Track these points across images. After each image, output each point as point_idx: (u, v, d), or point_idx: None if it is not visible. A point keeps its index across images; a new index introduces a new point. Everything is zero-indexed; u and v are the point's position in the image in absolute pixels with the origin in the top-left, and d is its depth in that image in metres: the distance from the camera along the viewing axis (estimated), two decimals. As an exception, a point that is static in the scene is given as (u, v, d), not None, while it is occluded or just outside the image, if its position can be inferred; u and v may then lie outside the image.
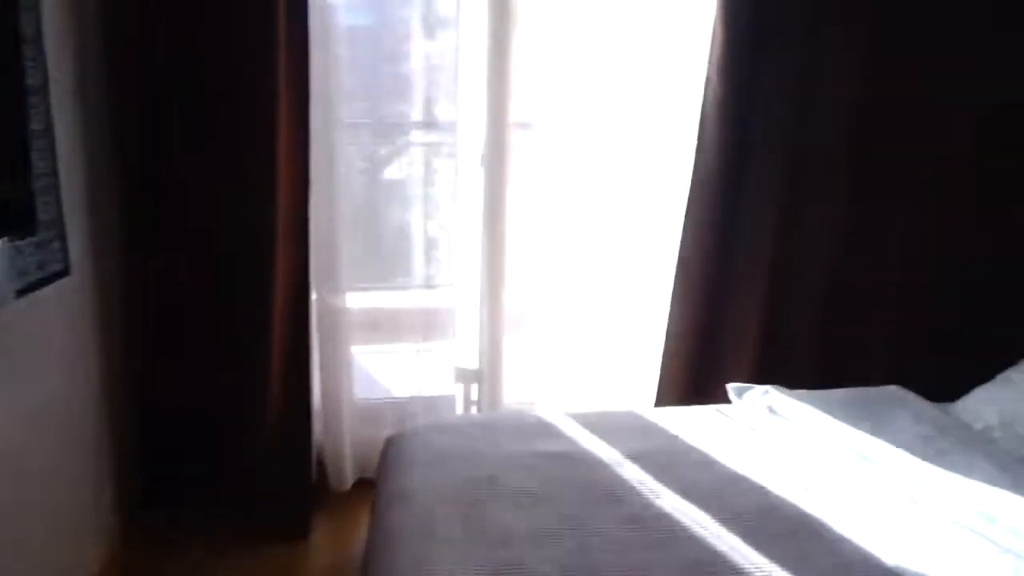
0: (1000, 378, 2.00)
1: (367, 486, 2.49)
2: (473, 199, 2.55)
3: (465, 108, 2.52)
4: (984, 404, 1.95)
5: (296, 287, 2.31)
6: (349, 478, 2.66)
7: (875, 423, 1.89)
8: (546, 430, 1.97)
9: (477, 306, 2.64)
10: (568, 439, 1.92)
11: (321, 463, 2.62)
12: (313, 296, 2.45)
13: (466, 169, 2.57)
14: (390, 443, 2.01)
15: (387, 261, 2.95)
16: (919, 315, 2.51)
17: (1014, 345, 2.14)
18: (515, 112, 3.01)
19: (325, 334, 2.53)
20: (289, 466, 2.39)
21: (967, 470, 1.69)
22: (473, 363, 2.68)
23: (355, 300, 2.88)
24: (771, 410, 1.98)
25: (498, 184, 2.49)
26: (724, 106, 2.27)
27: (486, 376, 2.64)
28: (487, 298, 2.61)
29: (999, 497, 1.59)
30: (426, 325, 2.92)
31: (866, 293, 2.50)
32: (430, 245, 2.99)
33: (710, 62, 2.26)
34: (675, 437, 1.93)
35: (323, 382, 2.58)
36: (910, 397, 2.06)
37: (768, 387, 2.09)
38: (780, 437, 1.88)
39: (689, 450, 1.87)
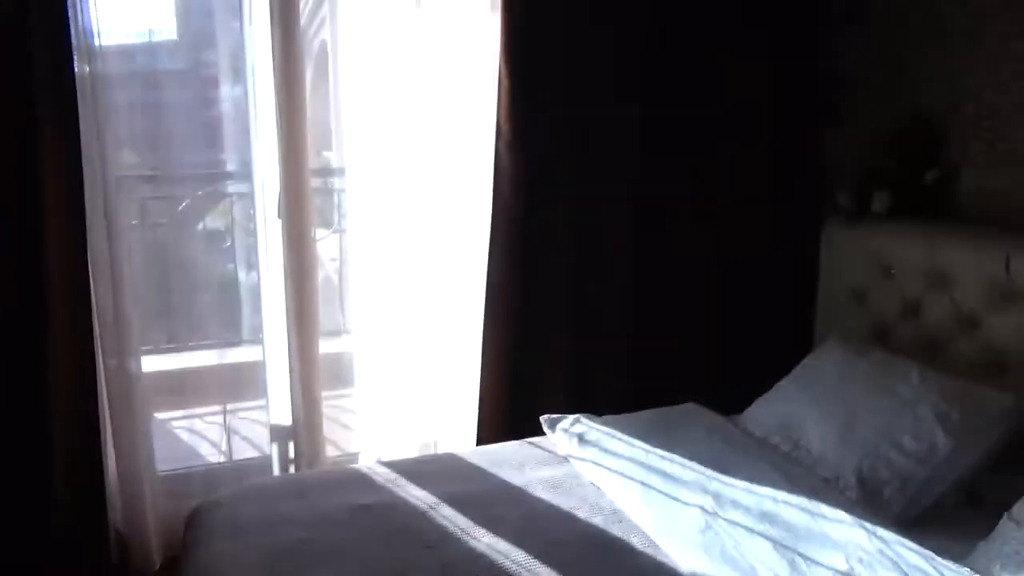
0: (776, 387, 2.20)
1: (178, 564, 2.31)
2: (275, 250, 2.47)
3: (263, 156, 2.44)
4: (764, 413, 2.15)
5: (78, 355, 2.13)
6: (156, 558, 2.45)
7: (673, 441, 2.02)
8: (362, 483, 1.92)
9: (287, 360, 2.53)
10: (384, 490, 1.88)
11: (123, 544, 2.40)
12: (102, 363, 2.26)
13: (268, 219, 2.49)
14: (193, 516, 1.87)
15: (197, 318, 2.80)
16: (714, 334, 2.72)
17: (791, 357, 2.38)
18: (327, 157, 3.00)
19: (118, 403, 2.32)
20: (84, 551, 2.20)
21: (751, 476, 1.85)
22: (288, 420, 2.56)
23: (157, 362, 2.70)
24: (581, 439, 2.05)
25: (300, 233, 2.43)
26: (514, 148, 2.37)
27: (303, 433, 2.53)
28: (299, 351, 2.52)
29: (777, 498, 1.75)
30: (237, 383, 2.79)
31: (667, 314, 2.68)
32: (242, 298, 2.87)
33: (499, 107, 2.36)
34: (491, 475, 1.95)
35: (119, 456, 2.36)
36: (704, 413, 2.22)
37: (578, 416, 2.17)
38: (590, 465, 1.95)
39: (504, 487, 1.89)
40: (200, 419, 2.92)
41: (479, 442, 2.57)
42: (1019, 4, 2.04)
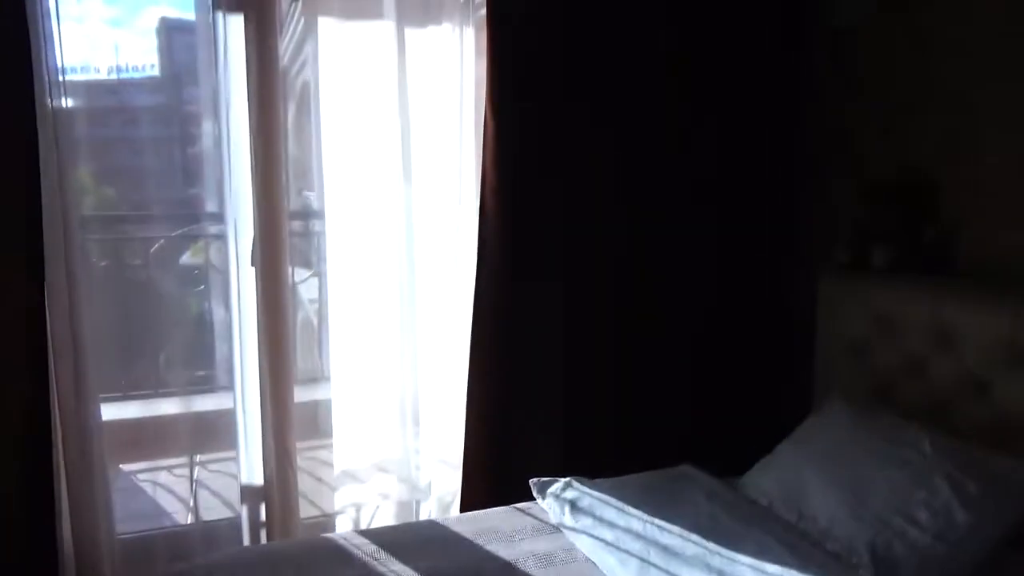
0: (776, 451, 2.10)
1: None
2: (249, 294, 2.34)
3: (237, 198, 2.33)
4: (765, 478, 2.03)
5: (30, 405, 2.00)
6: (114, 630, 2.27)
7: (671, 508, 1.90)
8: (338, 557, 1.77)
9: (259, 411, 2.38)
10: (362, 564, 1.74)
11: (78, 616, 2.22)
12: (58, 412, 2.11)
13: (242, 262, 2.36)
14: (155, 591, 1.72)
15: (166, 363, 2.65)
16: (708, 390, 2.62)
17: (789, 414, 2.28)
18: (308, 197, 2.88)
19: (74, 455, 2.16)
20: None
21: (756, 550, 1.73)
22: (259, 478, 2.40)
23: (121, 410, 2.55)
24: (574, 506, 1.93)
25: (275, 279, 2.31)
26: (500, 194, 2.28)
27: (275, 493, 2.37)
28: (272, 400, 2.37)
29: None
30: (207, 433, 2.61)
31: (660, 369, 2.58)
32: (216, 344, 2.73)
33: (484, 152, 2.28)
34: (478, 547, 1.81)
35: (74, 516, 2.19)
36: (701, 476, 2.10)
37: (570, 479, 2.05)
38: (585, 536, 1.82)
39: (492, 561, 1.76)
40: (167, 471, 2.77)
41: (463, 500, 2.44)
42: (1014, 58, 1.99)
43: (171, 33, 2.71)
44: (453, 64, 2.35)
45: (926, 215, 2.16)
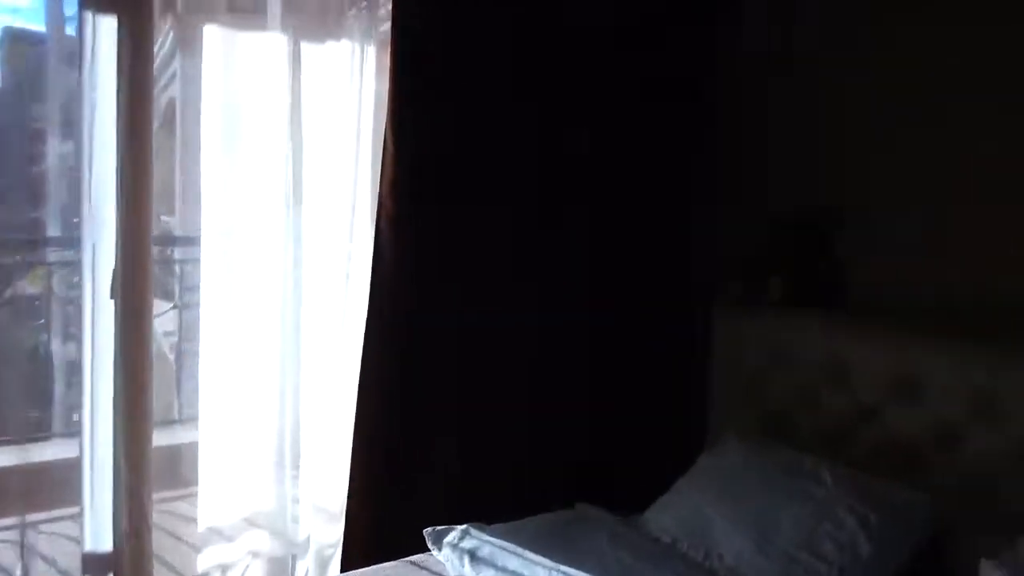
0: (676, 488, 2.08)
1: None
2: (104, 328, 2.07)
3: (95, 221, 2.07)
4: (666, 516, 2.00)
5: None
6: None
7: (576, 552, 1.83)
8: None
9: (111, 460, 2.09)
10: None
11: None
12: None
13: (98, 292, 2.09)
14: None
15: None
16: (601, 427, 2.57)
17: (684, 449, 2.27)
18: (167, 223, 2.63)
19: None
20: None
21: (667, 593, 1.67)
22: (107, 542, 2.09)
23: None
24: (473, 556, 1.80)
25: (137, 311, 2.07)
26: (398, 225, 2.17)
27: (126, 559, 2.07)
28: (125, 447, 2.09)
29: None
30: (43, 488, 2.25)
31: (551, 405, 2.51)
32: (55, 385, 2.40)
33: (382, 179, 2.17)
34: (367, 607, 1.64)
35: None
36: (602, 516, 2.05)
37: (467, 527, 1.92)
38: (486, 588, 1.70)
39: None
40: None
41: (345, 554, 2.23)
42: (905, 94, 2.13)
43: (17, 44, 2.48)
44: (353, 82, 2.23)
45: (822, 246, 2.25)
